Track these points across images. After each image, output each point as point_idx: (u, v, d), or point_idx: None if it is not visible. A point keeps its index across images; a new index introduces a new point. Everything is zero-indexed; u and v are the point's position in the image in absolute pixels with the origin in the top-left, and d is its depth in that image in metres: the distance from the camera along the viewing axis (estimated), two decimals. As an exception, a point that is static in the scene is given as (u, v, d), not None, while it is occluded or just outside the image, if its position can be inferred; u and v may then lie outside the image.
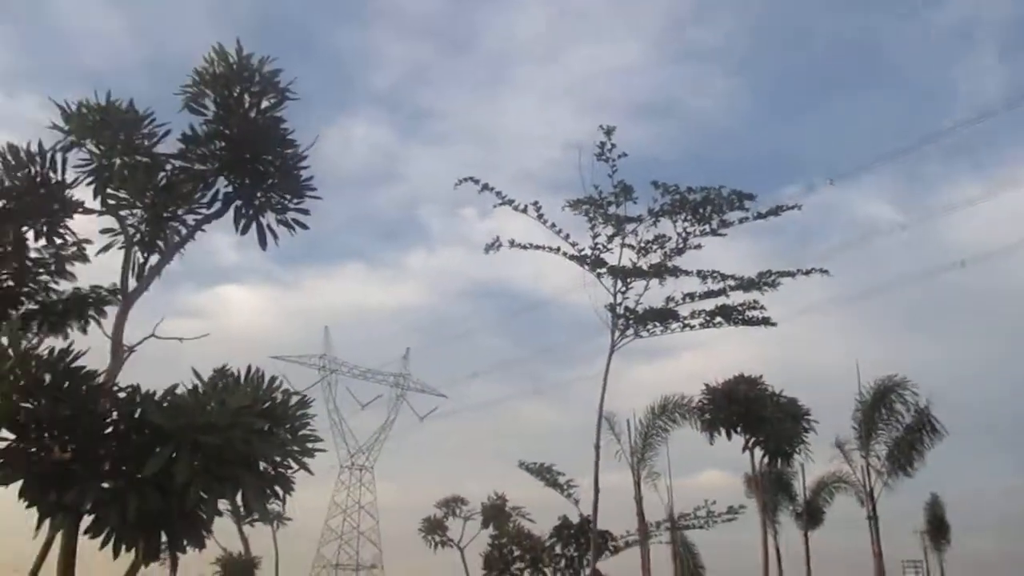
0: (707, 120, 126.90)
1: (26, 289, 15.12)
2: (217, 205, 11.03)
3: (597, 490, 18.52)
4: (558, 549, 25.16)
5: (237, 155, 10.82)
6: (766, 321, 18.36)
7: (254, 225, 11.09)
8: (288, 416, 8.76)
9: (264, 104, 10.87)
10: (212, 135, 10.70)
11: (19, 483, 7.72)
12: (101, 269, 14.64)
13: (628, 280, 18.34)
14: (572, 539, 25.21)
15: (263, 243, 11.04)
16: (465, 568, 25.13)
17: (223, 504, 8.51)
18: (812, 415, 23.58)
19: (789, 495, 29.96)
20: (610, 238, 18.28)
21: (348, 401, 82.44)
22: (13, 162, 10.33)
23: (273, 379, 8.90)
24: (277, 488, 8.50)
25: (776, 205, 18.17)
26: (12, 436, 7.87)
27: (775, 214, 17.97)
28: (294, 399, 8.95)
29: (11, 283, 14.82)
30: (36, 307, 15.12)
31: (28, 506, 7.76)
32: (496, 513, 25.76)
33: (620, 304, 18.54)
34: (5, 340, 7.79)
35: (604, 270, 18.44)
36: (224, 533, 19.52)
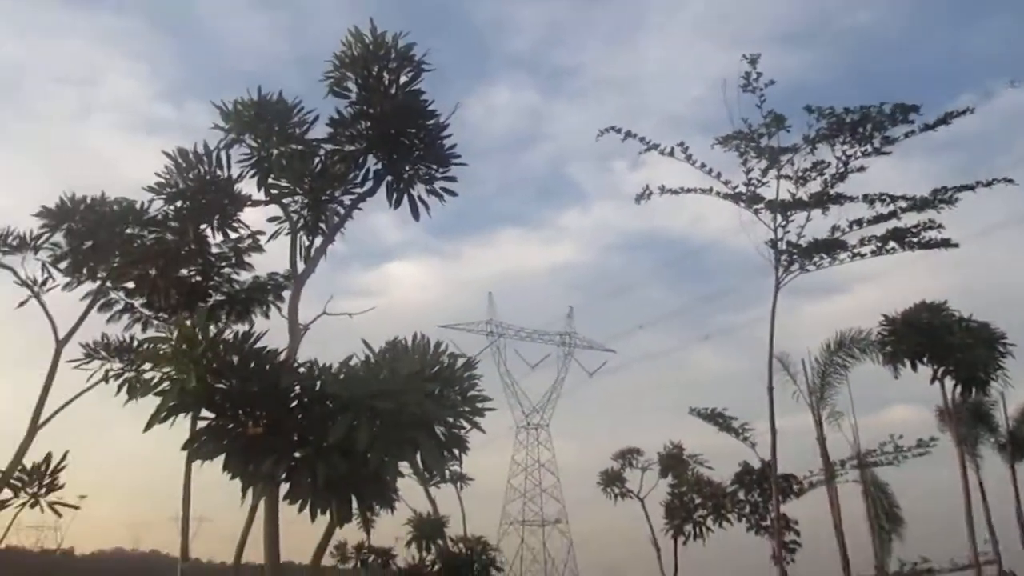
0: (863, 36, 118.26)
1: (212, 282, 16.40)
2: (369, 183, 11.49)
3: (774, 432, 17.95)
4: (741, 495, 24.72)
5: (382, 132, 11.17)
6: (945, 243, 16.90)
7: (406, 198, 11.45)
8: (457, 378, 9.03)
9: (403, 79, 11.15)
10: (357, 116, 11.11)
11: (222, 457, 8.37)
12: (275, 256, 15.63)
13: (788, 213, 17.46)
14: (755, 484, 24.67)
15: (415, 214, 11.40)
16: (647, 517, 25.17)
17: (407, 468, 8.90)
18: (1008, 339, 21.72)
19: (989, 426, 27.88)
20: (764, 171, 17.44)
21: (518, 363, 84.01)
22: (184, 164, 11.17)
23: (439, 344, 9.19)
24: (453, 448, 8.77)
25: (945, 112, 16.67)
26: (211, 415, 8.51)
27: (944, 123, 16.43)
28: (460, 362, 9.21)
29: (199, 278, 16.10)
30: (223, 298, 16.38)
31: (232, 477, 8.39)
32: (673, 462, 25.54)
33: (781, 239, 17.72)
34: (196, 329, 8.43)
35: (761, 206, 17.64)
36: (412, 496, 20.52)
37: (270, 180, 11.29)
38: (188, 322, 8.58)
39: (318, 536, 9.57)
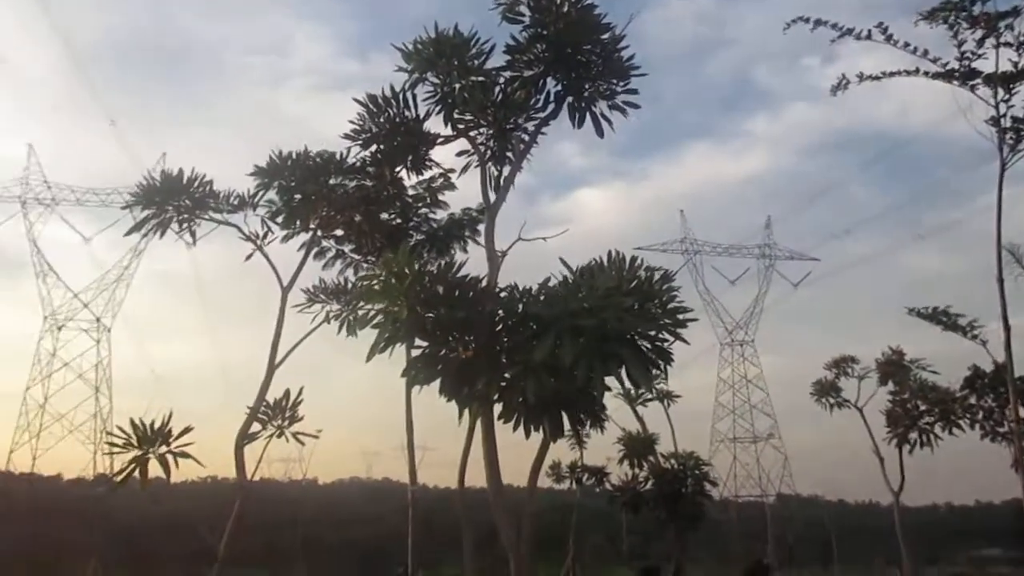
0: None
1: (411, 223, 17.14)
2: (551, 106, 11.48)
3: (1008, 329, 16.39)
4: (972, 400, 23.04)
5: (559, 52, 11.09)
6: None
7: (588, 117, 11.37)
8: (655, 292, 8.98)
9: (574, -4, 10.95)
10: (533, 39, 11.08)
11: (437, 382, 8.87)
12: (466, 193, 16.11)
13: (1011, 85, 15.64)
14: (988, 389, 22.90)
15: (599, 132, 11.30)
16: (867, 427, 24.06)
17: (615, 385, 9.01)
18: None
19: None
20: (980, 42, 15.61)
21: (716, 280, 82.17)
22: (374, 109, 11.65)
23: (635, 259, 9.16)
24: (658, 361, 8.76)
25: None
26: (424, 343, 9.00)
27: None
28: (658, 275, 9.14)
29: (399, 220, 16.88)
30: (422, 237, 17.11)
31: (448, 400, 8.88)
32: (893, 369, 24.09)
33: (1004, 115, 15.93)
34: (403, 264, 8.91)
35: (978, 81, 15.90)
36: (621, 416, 20.81)
37: (455, 115, 11.58)
38: (394, 259, 9.03)
39: (532, 459, 9.94)
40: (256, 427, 13.22)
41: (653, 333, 8.84)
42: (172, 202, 13.90)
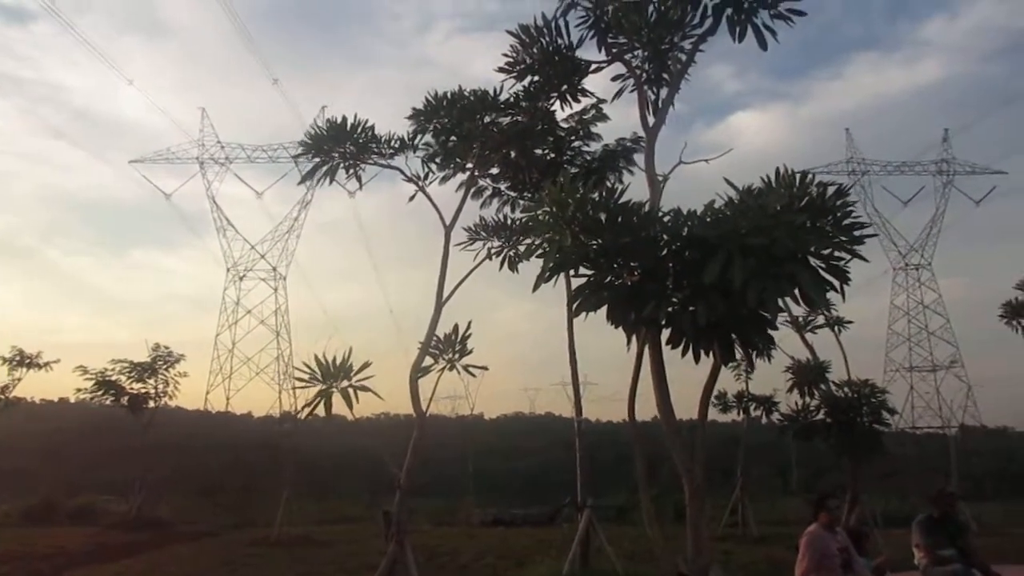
0: None
1: (565, 157, 17.15)
2: (708, 20, 11.00)
3: None
4: None
5: (715, -36, 10.59)
6: None
7: (749, 30, 10.83)
8: (829, 208, 8.56)
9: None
10: (687, -48, 10.63)
11: (604, 309, 8.88)
12: (619, 123, 15.87)
13: None
14: None
15: (762, 44, 10.73)
16: (1066, 352, 22.20)
17: (783, 316, 8.72)
18: None
19: None
20: None
21: (888, 201, 77.36)
22: (527, 40, 11.59)
23: (805, 175, 8.74)
24: (833, 279, 8.40)
25: None
26: (590, 271, 9.01)
27: None
28: (831, 191, 8.70)
29: (552, 155, 16.92)
30: (577, 170, 17.08)
31: (615, 326, 8.88)
32: (1096, 287, 22.03)
33: None
34: (565, 192, 8.92)
35: None
36: (788, 345, 20.16)
37: (609, 39, 11.34)
38: (556, 189, 9.05)
39: (697, 393, 9.84)
40: (428, 361, 13.76)
41: (828, 251, 8.46)
42: (338, 149, 14.46)
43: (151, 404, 31.58)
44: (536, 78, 12.35)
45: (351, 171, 14.79)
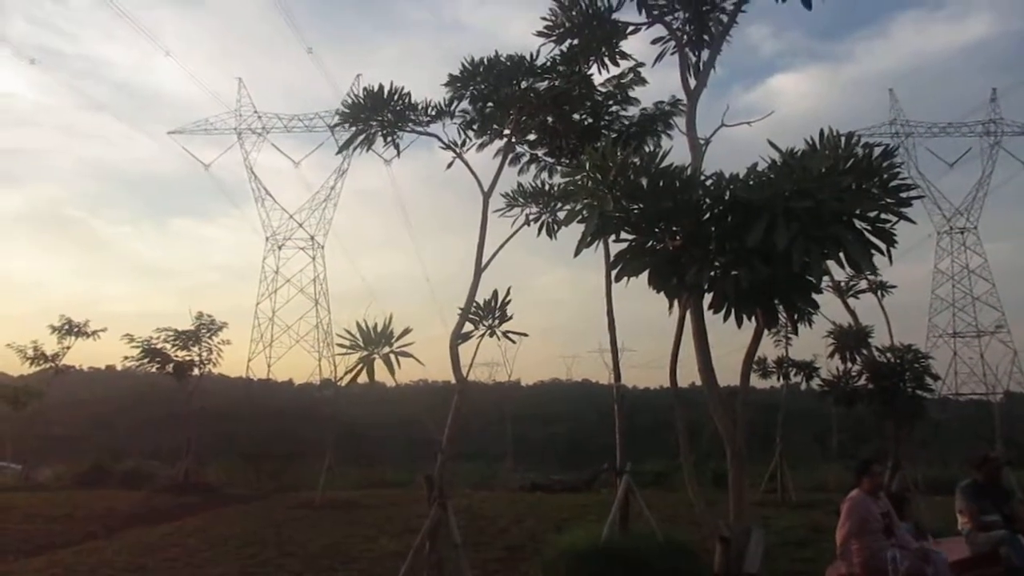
0: None
1: (603, 122, 17.01)
2: (751, -21, 10.80)
3: None
4: None
5: (756, -80, 10.34)
6: None
7: (793, -11, 10.60)
8: (875, 170, 8.40)
9: None
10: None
11: (645, 273, 8.84)
12: (656, 87, 15.68)
13: None
14: None
15: (807, 4, 10.50)
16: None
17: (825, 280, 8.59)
18: None
19: None
20: None
21: (932, 164, 75.84)
22: (567, 3, 11.46)
23: (851, 135, 8.58)
24: (879, 241, 8.27)
25: None
26: (631, 236, 8.97)
27: None
28: (877, 151, 8.53)
29: (590, 120, 16.80)
30: (615, 135, 16.94)
31: (657, 291, 8.85)
32: None
33: None
34: (605, 156, 8.86)
35: None
36: (829, 310, 19.95)
37: (648, 1, 11.18)
38: (596, 153, 9.00)
39: (739, 358, 9.78)
40: (468, 328, 13.85)
41: (874, 214, 8.33)
42: (376, 117, 14.48)
43: (195, 372, 32.24)
44: (575, 42, 12.23)
45: (388, 139, 14.81)
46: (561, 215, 15.93)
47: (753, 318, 8.84)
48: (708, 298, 8.85)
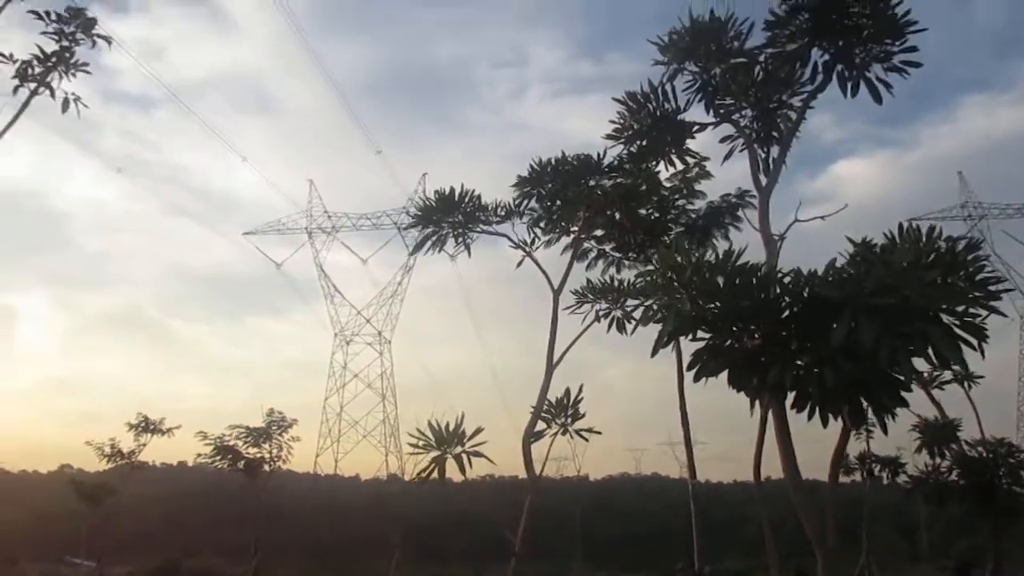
0: None
1: (669, 216, 17.12)
2: (819, 78, 10.89)
3: None
4: None
5: (823, 21, 10.52)
6: None
7: (862, 84, 10.66)
8: (960, 263, 8.25)
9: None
10: (793, 10, 10.59)
11: (724, 373, 8.70)
12: (721, 180, 15.79)
13: None
14: None
15: (877, 98, 10.54)
16: None
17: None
18: None
19: None
20: None
21: (1009, 246, 73.54)
22: (634, 106, 11.72)
23: (932, 229, 8.46)
24: (969, 336, 8.02)
25: None
26: (707, 335, 8.87)
27: None
28: (961, 245, 8.39)
29: (657, 215, 16.92)
30: (681, 229, 17.02)
31: (737, 391, 8.68)
32: None
33: None
34: (679, 255, 8.87)
35: None
36: (913, 402, 19.17)
37: (716, 101, 11.36)
38: (669, 252, 9.02)
39: (818, 451, 9.49)
40: (540, 425, 13.74)
41: (961, 308, 8.10)
42: (447, 219, 14.85)
43: (266, 468, 32.44)
44: (643, 143, 12.45)
45: (460, 240, 15.14)
46: (632, 310, 15.89)
47: (839, 417, 8.58)
48: (791, 397, 8.66)
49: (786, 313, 8.72)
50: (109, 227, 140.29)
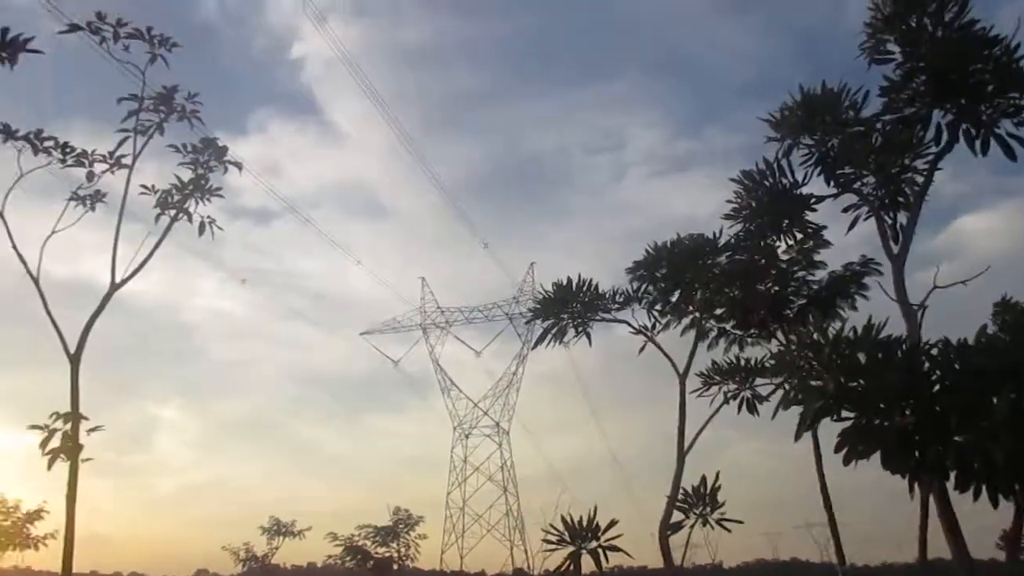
0: None
1: (790, 289, 16.61)
2: (943, 139, 10.51)
3: None
4: None
5: (942, 81, 10.21)
6: None
7: (992, 141, 10.22)
8: None
9: (947, 17, 10.11)
10: (909, 75, 10.35)
11: (876, 455, 8.22)
12: (842, 248, 15.31)
13: None
14: None
15: (1011, 155, 10.05)
16: None
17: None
18: None
19: None
20: None
21: None
22: (751, 184, 11.59)
23: (1092, 288, 7.89)
24: None
25: None
26: (853, 414, 8.44)
27: None
28: None
29: (776, 288, 16.45)
30: (804, 302, 16.46)
31: (893, 473, 8.17)
32: None
33: None
34: (816, 334, 8.55)
35: None
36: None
37: (836, 171, 11.12)
38: (807, 331, 8.72)
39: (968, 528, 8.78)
40: (677, 515, 13.29)
41: None
42: (566, 309, 14.89)
43: (395, 567, 32.48)
44: (763, 219, 12.26)
45: (580, 329, 15.11)
46: (765, 391, 15.38)
47: (1010, 496, 7.94)
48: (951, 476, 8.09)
49: (937, 387, 8.25)
50: (233, 335, 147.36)
